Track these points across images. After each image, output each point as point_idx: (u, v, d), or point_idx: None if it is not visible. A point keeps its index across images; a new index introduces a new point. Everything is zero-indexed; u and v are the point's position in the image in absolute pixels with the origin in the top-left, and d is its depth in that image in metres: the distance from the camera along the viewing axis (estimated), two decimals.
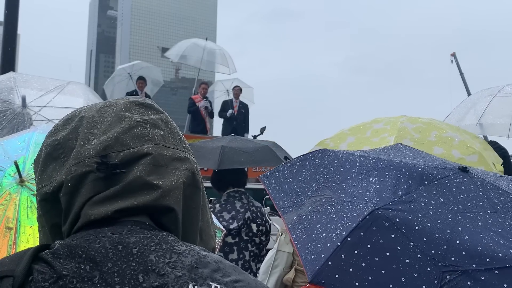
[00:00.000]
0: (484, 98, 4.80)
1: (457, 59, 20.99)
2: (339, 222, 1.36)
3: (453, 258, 1.26)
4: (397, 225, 1.31)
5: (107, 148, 0.74)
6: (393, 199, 1.39)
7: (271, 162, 4.02)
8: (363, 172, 1.56)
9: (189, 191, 0.79)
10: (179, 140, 0.82)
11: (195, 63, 12.17)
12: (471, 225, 1.35)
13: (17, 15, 6.89)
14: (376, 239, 1.29)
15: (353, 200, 1.43)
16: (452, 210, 1.39)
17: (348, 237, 1.29)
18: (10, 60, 6.75)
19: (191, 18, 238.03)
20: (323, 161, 1.69)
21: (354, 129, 3.19)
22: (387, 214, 1.33)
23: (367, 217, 1.33)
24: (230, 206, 3.42)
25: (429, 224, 1.33)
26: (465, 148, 2.87)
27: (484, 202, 1.44)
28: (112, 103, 0.82)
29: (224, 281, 0.67)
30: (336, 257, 1.27)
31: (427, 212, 1.37)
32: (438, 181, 1.49)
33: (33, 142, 1.77)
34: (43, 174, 0.78)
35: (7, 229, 1.52)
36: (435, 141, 2.88)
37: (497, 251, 1.27)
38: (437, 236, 1.30)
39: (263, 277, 2.61)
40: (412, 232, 1.30)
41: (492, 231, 1.34)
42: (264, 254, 3.56)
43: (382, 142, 2.91)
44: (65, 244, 0.68)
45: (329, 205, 1.47)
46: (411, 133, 2.94)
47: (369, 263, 1.25)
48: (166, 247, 0.69)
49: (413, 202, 1.40)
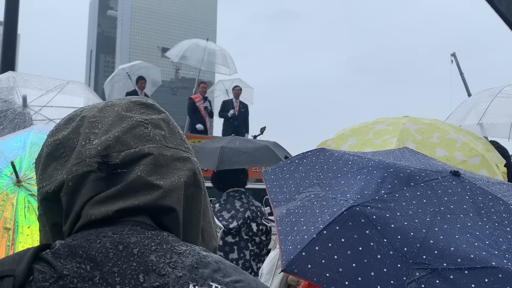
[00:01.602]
0: (485, 99, 4.81)
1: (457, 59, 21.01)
2: (320, 216, 1.41)
3: (425, 257, 1.29)
4: (373, 222, 1.35)
5: (108, 148, 0.74)
6: (373, 197, 1.43)
7: (271, 161, 4.02)
8: (353, 171, 1.60)
9: (190, 191, 0.79)
10: (180, 140, 0.82)
11: (196, 64, 12.18)
12: (449, 226, 1.38)
13: (17, 15, 6.89)
14: (350, 234, 1.33)
15: (337, 197, 1.48)
16: (432, 211, 1.42)
17: (324, 231, 1.34)
18: (10, 60, 6.75)
19: (191, 18, 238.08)
20: (319, 159, 1.73)
21: (355, 130, 3.18)
22: (365, 211, 1.37)
23: (344, 213, 1.37)
24: (230, 205, 3.43)
25: (406, 223, 1.36)
26: (468, 150, 2.86)
27: (468, 206, 1.46)
28: (114, 103, 0.82)
29: (225, 282, 0.67)
30: (310, 249, 1.32)
31: (406, 212, 1.40)
32: (425, 183, 1.52)
33: (29, 142, 1.77)
34: (44, 173, 0.78)
35: (5, 229, 1.52)
36: (438, 143, 2.88)
37: (470, 252, 1.29)
38: (411, 235, 1.33)
39: (267, 277, 2.60)
40: (387, 230, 1.34)
41: (469, 233, 1.36)
42: (264, 254, 3.56)
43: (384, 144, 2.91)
44: (65, 244, 0.68)
45: (315, 200, 1.51)
46: (413, 134, 2.93)
47: (341, 256, 1.30)
48: (167, 247, 0.69)
49: (394, 201, 1.43)
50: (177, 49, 12.32)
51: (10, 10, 6.77)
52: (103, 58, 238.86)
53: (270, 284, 2.56)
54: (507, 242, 1.35)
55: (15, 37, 6.95)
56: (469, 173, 1.66)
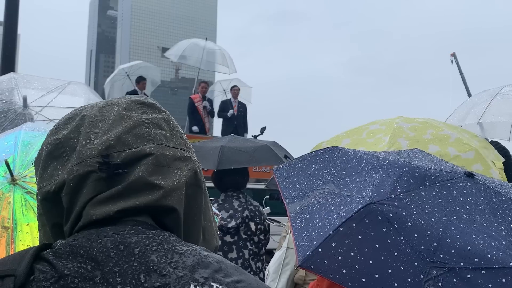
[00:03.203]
0: (485, 98, 4.80)
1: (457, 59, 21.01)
2: (336, 213, 1.41)
3: (442, 255, 1.29)
4: (390, 220, 1.35)
5: (109, 148, 0.74)
6: (390, 195, 1.42)
7: (270, 161, 4.02)
8: (368, 169, 1.59)
9: (191, 191, 0.78)
10: (181, 139, 0.82)
11: (195, 63, 12.18)
12: (465, 226, 1.37)
13: (17, 15, 6.89)
14: (367, 231, 1.33)
15: (352, 194, 1.47)
16: (448, 211, 1.41)
17: (340, 227, 1.34)
18: (10, 60, 6.75)
19: (191, 18, 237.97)
20: (333, 157, 1.73)
21: (350, 132, 3.22)
22: (381, 209, 1.37)
23: (361, 210, 1.36)
24: (228, 205, 3.44)
25: (423, 222, 1.36)
26: (462, 145, 2.87)
27: (483, 207, 1.46)
28: (114, 102, 0.81)
29: (226, 282, 0.67)
30: (326, 245, 1.31)
31: (422, 211, 1.40)
32: (440, 183, 1.51)
33: (21, 141, 1.75)
34: (44, 173, 0.78)
35: (4, 228, 1.51)
36: (431, 139, 2.89)
37: (487, 252, 1.29)
38: (428, 233, 1.33)
39: (274, 276, 2.58)
40: (404, 228, 1.33)
41: (486, 233, 1.36)
42: (263, 253, 3.57)
43: (377, 142, 2.93)
44: (66, 243, 0.68)
45: (330, 197, 1.51)
46: (406, 132, 2.94)
47: (358, 253, 1.29)
48: (168, 247, 0.69)
49: (410, 200, 1.42)
50: (176, 49, 12.32)
51: (10, 10, 6.77)
52: (103, 58, 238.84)
53: (277, 283, 2.55)
54: None
55: (15, 37, 6.95)
56: (482, 176, 1.67)
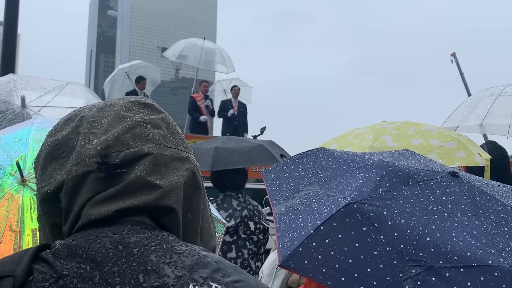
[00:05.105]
0: (487, 98, 4.77)
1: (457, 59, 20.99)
2: (317, 213, 1.42)
3: (421, 254, 1.30)
4: (370, 219, 1.36)
5: (108, 148, 0.74)
6: (371, 195, 1.44)
7: (265, 161, 4.01)
8: (352, 169, 1.61)
9: (190, 191, 0.79)
10: (179, 140, 0.82)
11: (193, 63, 12.15)
12: (446, 224, 1.38)
13: (17, 15, 6.89)
14: (347, 230, 1.34)
15: (335, 194, 1.49)
16: (430, 210, 1.42)
17: (321, 227, 1.35)
18: (10, 60, 6.75)
19: (191, 18, 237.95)
20: (319, 158, 1.75)
21: (336, 138, 3.37)
22: (362, 208, 1.38)
23: (341, 209, 1.38)
24: (227, 204, 3.44)
25: (403, 221, 1.37)
26: (444, 136, 2.97)
27: (466, 205, 1.46)
28: (113, 102, 0.82)
29: (225, 281, 0.67)
30: (307, 244, 1.33)
31: (403, 210, 1.41)
32: (423, 182, 1.52)
33: (32, 139, 1.71)
34: (43, 173, 0.78)
35: (12, 231, 1.48)
36: (414, 134, 3.00)
37: (466, 250, 1.30)
38: (408, 232, 1.34)
39: (268, 279, 2.59)
40: (384, 227, 1.34)
41: (466, 232, 1.36)
42: (262, 253, 3.57)
43: (361, 141, 3.04)
44: (65, 244, 0.68)
45: (314, 198, 1.52)
46: (389, 130, 3.07)
47: (338, 252, 1.30)
48: (167, 247, 0.69)
49: (392, 199, 1.44)
50: (174, 49, 12.29)
51: (10, 10, 6.78)
52: (103, 58, 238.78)
53: (271, 286, 2.56)
54: (504, 242, 1.35)
55: (15, 37, 6.95)
56: (468, 175, 1.68)
